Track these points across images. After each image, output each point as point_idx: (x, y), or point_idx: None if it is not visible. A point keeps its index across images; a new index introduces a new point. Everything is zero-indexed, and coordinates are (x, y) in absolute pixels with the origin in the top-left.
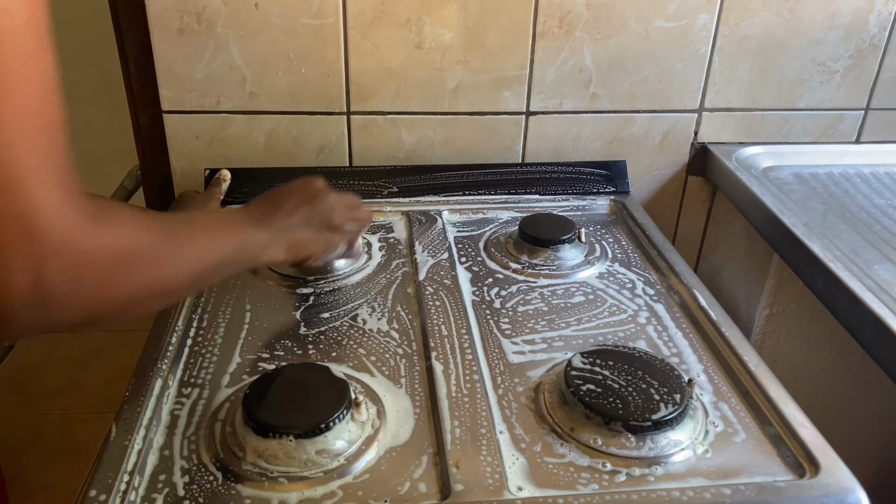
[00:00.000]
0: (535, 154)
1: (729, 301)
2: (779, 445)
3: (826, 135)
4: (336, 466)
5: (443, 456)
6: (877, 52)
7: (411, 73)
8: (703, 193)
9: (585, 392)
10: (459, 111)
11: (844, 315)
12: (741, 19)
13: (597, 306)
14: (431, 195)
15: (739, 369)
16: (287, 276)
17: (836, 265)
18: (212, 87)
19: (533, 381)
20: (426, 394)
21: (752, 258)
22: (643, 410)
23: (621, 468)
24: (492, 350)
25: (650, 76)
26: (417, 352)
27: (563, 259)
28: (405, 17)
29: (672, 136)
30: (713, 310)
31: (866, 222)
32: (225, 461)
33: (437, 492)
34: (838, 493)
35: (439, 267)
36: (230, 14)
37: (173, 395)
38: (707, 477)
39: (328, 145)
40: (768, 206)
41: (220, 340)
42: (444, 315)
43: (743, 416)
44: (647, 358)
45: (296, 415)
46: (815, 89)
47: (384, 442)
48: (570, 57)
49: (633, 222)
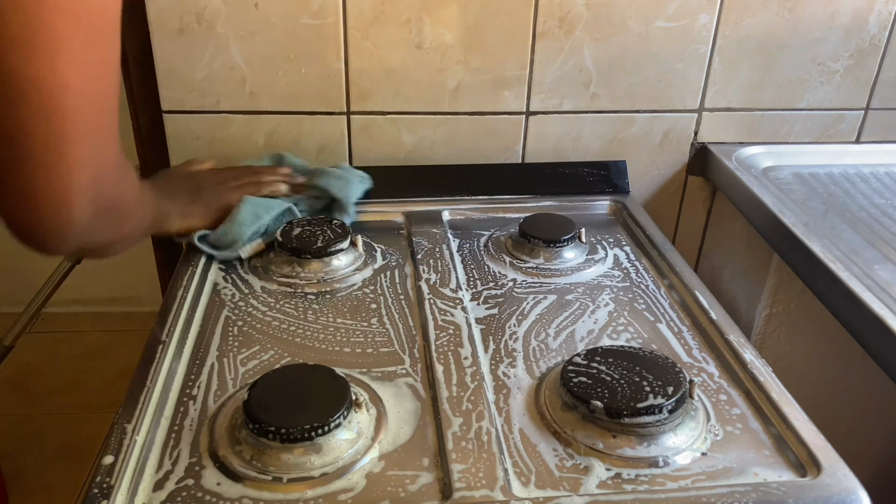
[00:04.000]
0: (535, 154)
1: (729, 301)
2: (780, 446)
3: (826, 135)
4: (336, 467)
5: (443, 457)
6: (877, 52)
7: (411, 73)
8: (703, 193)
9: (575, 384)
10: (459, 111)
11: (844, 315)
12: (741, 19)
13: (597, 306)
14: (431, 195)
15: (740, 369)
16: (287, 276)
17: (836, 265)
18: (212, 87)
19: (533, 382)
20: (427, 395)
21: (752, 258)
22: (629, 399)
23: (622, 469)
24: (492, 351)
25: (650, 76)
26: (418, 352)
27: (563, 259)
28: (405, 17)
29: (672, 136)
30: (714, 310)
31: (866, 222)
32: (225, 462)
33: (437, 492)
34: (840, 493)
35: (439, 267)
36: (230, 14)
37: (174, 395)
38: (708, 478)
39: (328, 145)
40: (768, 206)
41: (220, 341)
42: (444, 316)
43: (744, 417)
44: (649, 356)
45: (296, 415)
46: (815, 89)
47: (384, 443)
48: (570, 57)
49: (634, 222)
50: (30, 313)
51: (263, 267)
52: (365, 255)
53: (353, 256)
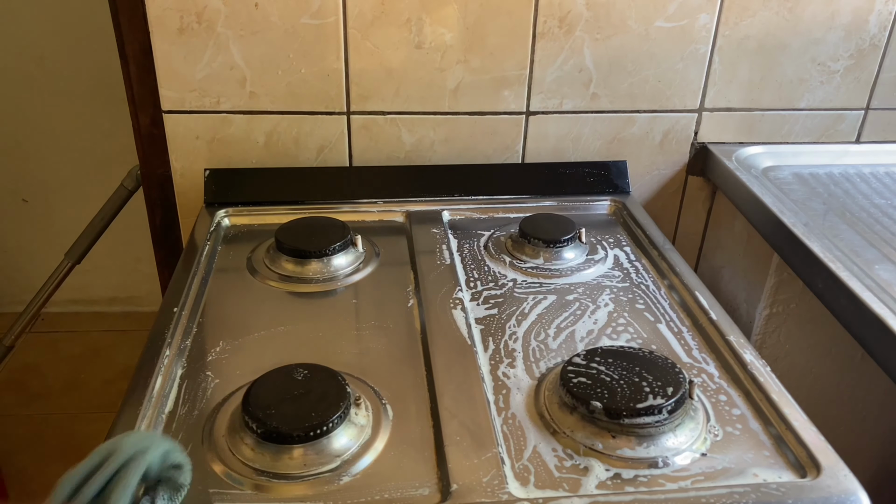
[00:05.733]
0: (535, 154)
1: (729, 301)
2: (780, 446)
3: (826, 135)
4: (335, 467)
5: (442, 457)
6: (877, 52)
7: (411, 73)
8: (703, 193)
9: (575, 384)
10: (459, 111)
11: (844, 315)
12: (741, 19)
13: (598, 306)
14: (431, 195)
15: (740, 370)
16: (286, 277)
17: (836, 265)
18: (212, 87)
19: (533, 382)
20: (426, 395)
21: (752, 258)
22: (629, 400)
23: (622, 469)
24: (492, 351)
25: (650, 76)
26: (418, 352)
27: (563, 259)
28: (405, 17)
29: (672, 136)
30: (714, 310)
31: (866, 222)
32: (224, 462)
33: (436, 492)
34: (840, 494)
35: (439, 267)
36: (230, 14)
37: (173, 396)
38: (708, 478)
39: (328, 145)
40: (768, 206)
41: (219, 341)
42: (444, 315)
43: (744, 417)
44: (649, 357)
45: (295, 415)
46: (815, 89)
47: (383, 443)
48: (570, 57)
49: (634, 222)
50: (30, 313)
51: (264, 267)
52: (365, 255)
53: (353, 256)
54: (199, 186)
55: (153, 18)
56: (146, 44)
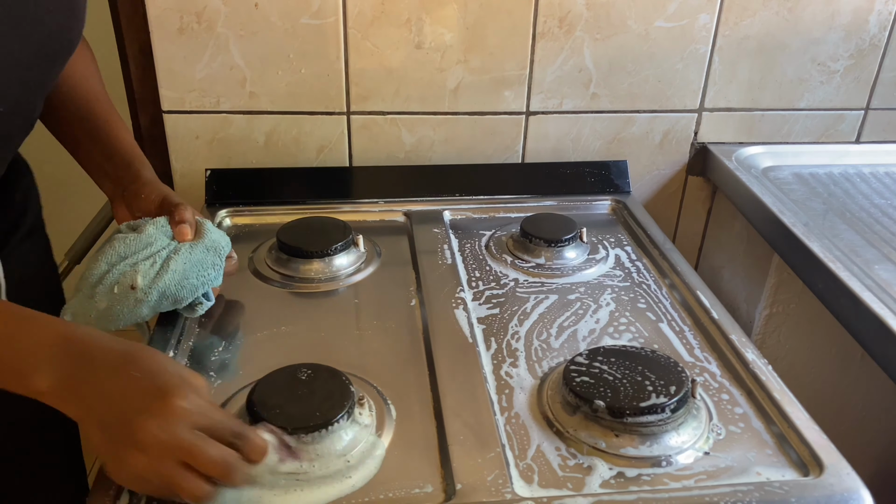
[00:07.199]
0: (536, 154)
1: (729, 301)
2: (783, 445)
3: (826, 135)
4: (339, 467)
5: (446, 456)
6: (877, 52)
7: (411, 73)
8: (703, 193)
9: (577, 384)
10: (459, 111)
11: (844, 315)
12: (741, 19)
13: (599, 306)
14: (432, 195)
15: (742, 369)
16: (288, 277)
17: (836, 265)
18: (212, 87)
19: (536, 381)
20: (429, 394)
21: (752, 258)
22: (631, 399)
23: (625, 468)
24: (494, 350)
25: (650, 76)
26: (420, 352)
27: (565, 259)
28: (405, 17)
29: (672, 136)
30: (715, 309)
31: (866, 222)
32: None
33: (440, 492)
34: (842, 492)
35: (441, 267)
36: (230, 14)
37: None
38: (711, 477)
39: (328, 145)
40: (768, 206)
41: (221, 342)
42: (446, 315)
43: (746, 416)
44: (651, 356)
45: (299, 415)
46: (815, 89)
47: (387, 442)
48: (570, 57)
49: (634, 222)
50: None
51: (265, 267)
52: (366, 255)
53: (355, 256)
54: (199, 186)
55: (153, 18)
56: (146, 44)
